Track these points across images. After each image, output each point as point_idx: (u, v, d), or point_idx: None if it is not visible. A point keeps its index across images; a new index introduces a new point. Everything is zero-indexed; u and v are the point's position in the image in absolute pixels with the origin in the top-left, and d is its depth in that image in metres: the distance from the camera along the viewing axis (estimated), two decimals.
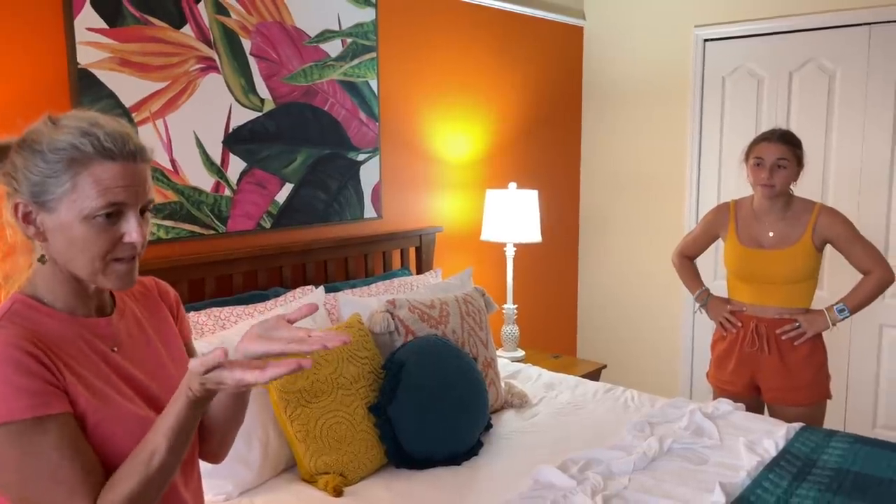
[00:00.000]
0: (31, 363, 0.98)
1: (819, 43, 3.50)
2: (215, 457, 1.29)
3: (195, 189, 2.48)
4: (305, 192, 2.83)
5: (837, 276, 3.17)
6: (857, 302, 2.49)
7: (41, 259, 1.06)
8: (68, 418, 0.99)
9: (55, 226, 1.02)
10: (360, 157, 3.03)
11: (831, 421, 2.83)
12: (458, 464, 2.16)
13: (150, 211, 1.09)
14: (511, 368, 3.02)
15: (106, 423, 1.04)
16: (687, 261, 2.83)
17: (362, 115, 3.02)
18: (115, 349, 1.12)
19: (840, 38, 3.44)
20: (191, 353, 1.31)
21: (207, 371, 0.93)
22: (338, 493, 1.95)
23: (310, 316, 1.20)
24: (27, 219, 1.03)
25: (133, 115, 2.29)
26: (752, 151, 2.52)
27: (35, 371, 0.98)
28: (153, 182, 1.10)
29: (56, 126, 1.03)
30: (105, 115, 1.07)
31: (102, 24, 2.21)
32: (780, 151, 2.45)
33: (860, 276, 2.52)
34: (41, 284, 1.07)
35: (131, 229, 1.03)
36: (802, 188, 2.60)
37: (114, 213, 1.02)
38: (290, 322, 1.01)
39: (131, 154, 1.03)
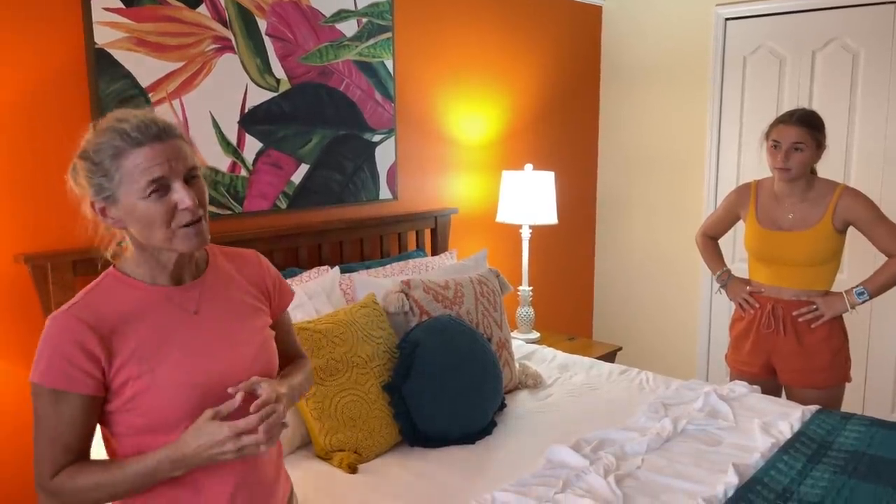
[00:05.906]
0: (89, 340, 1.18)
1: (842, 21, 3.43)
2: None
3: (211, 169, 2.49)
4: (321, 172, 2.84)
5: (859, 259, 3.13)
6: (878, 285, 2.44)
7: (119, 244, 1.29)
8: (86, 401, 1.20)
9: (125, 212, 1.21)
10: (376, 138, 3.03)
11: (850, 404, 2.81)
12: (472, 443, 2.17)
13: (197, 176, 1.24)
14: (526, 350, 3.03)
15: (150, 392, 1.21)
16: (710, 241, 2.81)
17: (378, 96, 3.01)
18: (196, 311, 1.30)
19: (864, 16, 3.37)
20: (284, 322, 1.50)
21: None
22: (352, 470, 1.98)
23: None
24: (104, 213, 1.24)
25: (150, 94, 2.30)
26: (771, 133, 2.47)
27: (84, 353, 1.18)
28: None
29: (95, 131, 1.22)
30: (133, 109, 1.25)
31: (119, 4, 2.22)
32: (796, 134, 2.40)
33: (882, 257, 2.48)
34: (130, 261, 1.29)
35: (181, 197, 1.20)
36: (825, 169, 2.56)
37: (162, 188, 1.19)
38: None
39: (157, 135, 1.20)
